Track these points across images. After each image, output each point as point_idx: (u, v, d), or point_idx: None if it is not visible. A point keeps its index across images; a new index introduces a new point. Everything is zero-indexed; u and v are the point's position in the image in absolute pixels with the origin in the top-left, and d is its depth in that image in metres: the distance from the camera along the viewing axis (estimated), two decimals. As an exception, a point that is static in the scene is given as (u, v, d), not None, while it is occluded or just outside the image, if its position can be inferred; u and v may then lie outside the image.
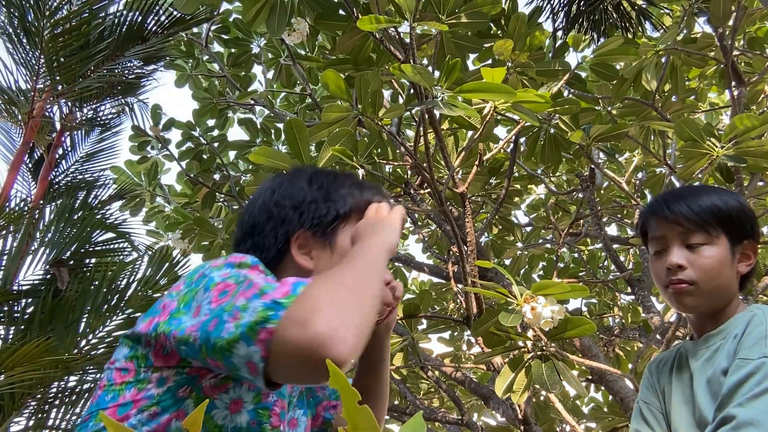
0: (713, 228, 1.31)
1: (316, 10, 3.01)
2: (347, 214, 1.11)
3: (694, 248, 1.31)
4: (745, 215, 1.34)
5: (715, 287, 1.30)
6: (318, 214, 1.09)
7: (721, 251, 1.31)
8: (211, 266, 0.95)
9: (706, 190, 1.37)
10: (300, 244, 1.08)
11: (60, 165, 3.20)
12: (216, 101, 4.77)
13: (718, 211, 1.32)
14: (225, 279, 0.90)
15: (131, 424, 0.90)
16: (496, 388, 2.29)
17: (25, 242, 2.61)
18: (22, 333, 2.50)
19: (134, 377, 0.93)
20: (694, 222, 1.31)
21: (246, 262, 0.93)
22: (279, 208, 1.10)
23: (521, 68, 3.03)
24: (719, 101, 5.33)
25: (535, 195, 5.88)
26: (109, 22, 2.86)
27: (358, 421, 0.45)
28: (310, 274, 1.04)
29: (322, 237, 1.09)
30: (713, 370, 1.23)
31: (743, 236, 1.34)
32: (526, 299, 1.91)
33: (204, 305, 0.88)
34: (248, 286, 0.86)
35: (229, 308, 0.84)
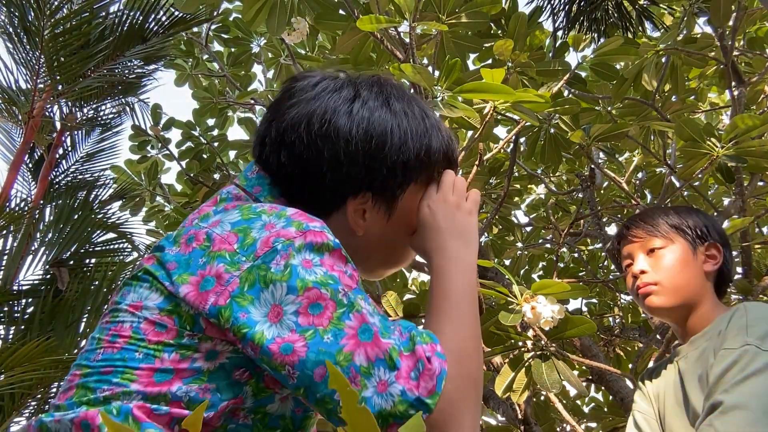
0: (667, 233, 1.43)
1: (316, 10, 3.01)
2: (419, 175, 0.94)
3: (653, 253, 1.43)
4: (701, 222, 1.46)
5: (678, 284, 1.39)
6: (392, 176, 0.91)
7: (680, 251, 1.42)
8: (284, 238, 0.78)
9: (663, 209, 1.52)
10: (358, 205, 0.92)
11: (60, 165, 3.20)
12: (216, 101, 4.77)
13: (671, 221, 1.45)
14: (317, 283, 0.75)
15: (175, 395, 0.75)
16: (495, 387, 2.29)
17: (25, 242, 2.61)
18: (22, 333, 2.51)
19: (175, 339, 0.77)
20: (649, 231, 1.45)
21: (328, 244, 0.79)
22: (350, 159, 0.89)
23: (521, 68, 3.03)
24: (719, 101, 5.33)
25: (535, 195, 5.87)
26: (109, 22, 2.87)
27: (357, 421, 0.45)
28: (355, 238, 0.92)
29: (383, 201, 0.93)
30: (703, 369, 1.27)
31: (703, 238, 1.44)
32: (526, 299, 1.91)
33: (289, 316, 0.74)
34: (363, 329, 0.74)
35: (341, 360, 0.71)
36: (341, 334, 0.73)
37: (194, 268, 0.78)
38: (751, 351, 1.17)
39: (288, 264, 0.76)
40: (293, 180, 0.91)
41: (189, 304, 0.77)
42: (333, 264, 0.78)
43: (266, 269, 0.76)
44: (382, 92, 0.95)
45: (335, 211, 0.92)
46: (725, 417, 1.12)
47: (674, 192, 3.80)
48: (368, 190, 0.91)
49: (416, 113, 0.95)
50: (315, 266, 0.76)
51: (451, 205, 0.95)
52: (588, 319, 2.23)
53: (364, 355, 0.72)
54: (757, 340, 1.18)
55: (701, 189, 4.19)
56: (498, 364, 3.31)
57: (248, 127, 4.87)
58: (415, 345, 0.74)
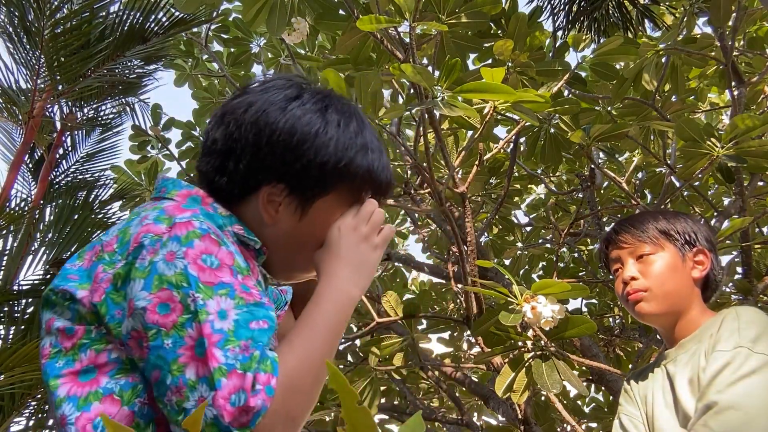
0: (657, 239, 1.44)
1: (316, 10, 3.01)
2: (337, 186, 0.97)
3: (643, 259, 1.43)
4: (690, 227, 1.46)
5: (668, 290, 1.40)
6: (306, 174, 0.94)
7: (669, 258, 1.42)
8: (151, 230, 0.83)
9: (652, 214, 1.51)
10: (270, 196, 0.95)
11: (60, 165, 3.20)
12: (216, 101, 4.77)
13: (660, 226, 1.45)
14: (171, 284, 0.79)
15: (107, 389, 0.81)
16: (496, 387, 2.29)
17: (25, 242, 2.61)
18: (22, 333, 2.50)
19: (86, 336, 0.83)
20: (638, 237, 1.45)
21: (194, 231, 0.82)
22: (270, 148, 0.94)
23: (521, 68, 3.03)
24: (719, 101, 5.33)
25: (535, 195, 5.87)
26: (109, 22, 2.86)
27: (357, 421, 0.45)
28: (266, 229, 0.96)
29: (297, 199, 0.95)
30: (693, 372, 1.28)
31: (691, 244, 1.44)
32: (526, 299, 1.91)
33: (138, 311, 0.79)
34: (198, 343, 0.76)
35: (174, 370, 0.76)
36: (180, 342, 0.76)
37: (91, 275, 0.85)
38: (743, 353, 1.20)
39: (151, 261, 0.80)
40: (220, 158, 0.96)
41: (83, 304, 0.83)
42: (199, 253, 0.81)
43: (132, 265, 0.81)
44: (323, 100, 0.99)
45: (250, 198, 0.95)
46: (720, 417, 1.14)
47: (674, 192, 3.80)
48: (282, 182, 0.94)
49: (351, 128, 0.98)
50: (177, 258, 0.80)
51: (359, 236, 0.97)
52: (588, 319, 2.23)
53: (194, 369, 0.75)
54: (748, 342, 1.21)
55: (701, 189, 4.19)
56: (498, 365, 3.31)
57: (248, 127, 4.86)
58: (250, 369, 0.75)
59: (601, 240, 1.56)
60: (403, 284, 5.74)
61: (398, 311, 3.07)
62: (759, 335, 1.21)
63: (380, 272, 5.42)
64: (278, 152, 0.93)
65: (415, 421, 0.47)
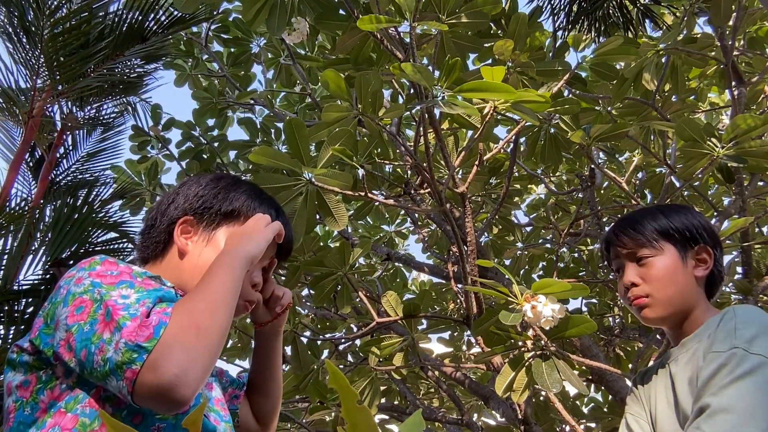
0: (656, 241, 1.40)
1: (317, 10, 3.01)
2: (231, 213, 1.21)
3: (643, 263, 1.40)
4: (690, 223, 1.42)
5: (670, 295, 1.37)
6: (205, 205, 1.20)
7: (670, 260, 1.39)
8: (66, 276, 1.04)
9: (651, 212, 1.47)
10: (183, 229, 1.18)
11: (61, 164, 3.20)
12: (216, 101, 4.77)
13: (658, 225, 1.42)
14: (80, 293, 0.98)
15: (57, 406, 0.98)
16: (496, 387, 2.29)
17: (25, 242, 2.61)
18: (22, 333, 2.50)
19: (38, 382, 1.00)
20: (637, 240, 1.41)
21: (95, 261, 1.03)
22: (174, 196, 1.22)
23: (521, 68, 3.03)
24: (719, 101, 5.33)
25: (535, 195, 5.88)
26: (109, 22, 2.86)
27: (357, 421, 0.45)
28: (183, 261, 1.17)
29: (204, 227, 1.19)
30: (692, 371, 1.27)
31: (692, 242, 1.41)
32: (526, 298, 1.91)
33: (62, 322, 0.97)
34: (106, 313, 0.94)
35: (94, 339, 0.93)
36: (95, 321, 0.94)
37: (31, 327, 1.05)
38: (738, 354, 1.17)
39: (66, 292, 1.00)
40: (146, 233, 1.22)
41: (28, 351, 1.02)
42: (102, 270, 1.02)
43: (53, 301, 1.02)
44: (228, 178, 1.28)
45: (169, 246, 1.19)
46: (712, 420, 1.13)
47: (674, 192, 3.80)
48: (189, 214, 1.19)
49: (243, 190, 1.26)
50: (84, 279, 1.00)
51: (245, 228, 1.19)
52: (588, 319, 2.23)
53: (108, 330, 0.92)
54: (744, 343, 1.18)
55: (701, 189, 4.19)
56: (498, 364, 3.31)
57: (248, 127, 4.87)
58: (147, 310, 0.95)
59: (601, 240, 1.53)
60: (403, 284, 5.74)
61: (398, 311, 3.07)
62: (756, 335, 1.19)
63: (380, 272, 5.42)
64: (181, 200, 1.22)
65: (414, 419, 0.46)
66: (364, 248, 3.42)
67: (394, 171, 4.25)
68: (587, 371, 4.16)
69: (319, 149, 2.51)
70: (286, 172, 2.49)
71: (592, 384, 4.49)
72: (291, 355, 3.72)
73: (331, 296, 3.55)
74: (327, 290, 3.40)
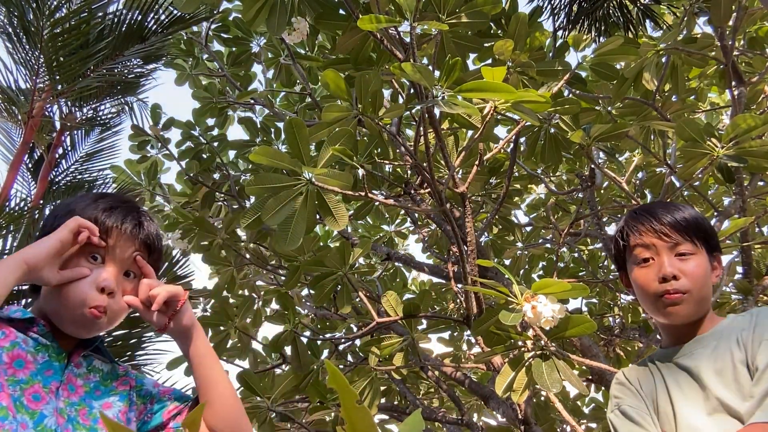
0: (698, 239, 1.39)
1: (317, 10, 3.01)
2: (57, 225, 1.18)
3: (683, 258, 1.37)
4: (713, 230, 1.45)
5: (705, 295, 1.38)
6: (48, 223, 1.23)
7: (704, 261, 1.39)
8: None
9: (683, 205, 1.45)
10: None
11: (60, 165, 3.19)
12: (216, 100, 4.77)
13: (699, 225, 1.40)
14: None
15: None
16: (496, 387, 2.29)
17: (25, 242, 2.61)
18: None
19: None
20: (683, 233, 1.38)
21: None
22: None
23: (521, 68, 3.03)
24: (719, 101, 5.33)
25: (535, 195, 5.87)
26: (108, 22, 2.86)
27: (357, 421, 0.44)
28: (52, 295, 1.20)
29: None
30: (722, 363, 1.30)
31: (715, 249, 1.44)
32: (526, 298, 1.91)
33: None
34: None
35: None
36: None
37: None
38: None
39: None
40: None
41: None
42: None
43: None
44: None
45: None
46: None
47: (674, 192, 3.80)
48: None
49: None
50: None
51: None
52: (588, 318, 2.23)
53: None
54: None
55: (701, 189, 4.19)
56: (498, 364, 3.31)
57: (248, 126, 4.87)
58: None
59: (628, 218, 1.45)
60: (403, 284, 5.74)
61: (398, 311, 3.07)
62: None
63: (380, 272, 5.42)
64: None
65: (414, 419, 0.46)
66: (364, 248, 3.42)
67: (394, 171, 4.25)
68: (587, 371, 4.16)
69: (319, 149, 2.51)
70: (286, 172, 2.49)
71: (593, 384, 4.49)
72: (291, 355, 3.72)
73: (331, 296, 3.55)
74: (327, 290, 3.40)
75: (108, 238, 1.19)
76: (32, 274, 1.11)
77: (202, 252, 4.47)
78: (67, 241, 1.14)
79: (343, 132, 2.44)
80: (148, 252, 1.24)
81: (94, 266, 1.17)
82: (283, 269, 4.74)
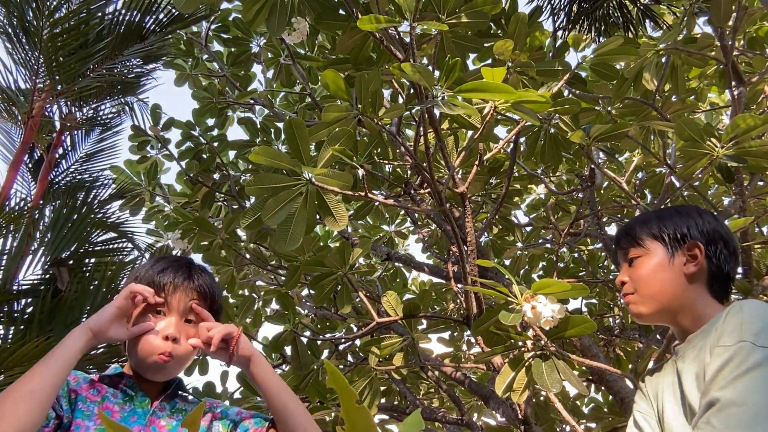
0: (643, 241, 1.48)
1: (316, 10, 3.01)
2: None
3: (633, 263, 1.49)
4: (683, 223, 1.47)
5: (654, 291, 1.43)
6: None
7: (655, 259, 1.45)
8: None
9: (645, 217, 1.53)
10: None
11: (60, 165, 3.19)
12: (215, 100, 4.76)
13: (650, 229, 1.49)
14: None
15: None
16: (496, 387, 2.29)
17: (24, 242, 2.60)
18: (21, 333, 2.50)
19: None
20: (628, 239, 1.51)
21: None
22: None
23: (521, 68, 3.03)
24: (719, 101, 5.33)
25: (535, 195, 5.87)
26: (107, 22, 2.86)
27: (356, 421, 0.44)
28: None
29: None
30: (700, 367, 1.27)
31: (682, 240, 1.45)
32: (526, 298, 1.91)
33: None
34: None
35: None
36: None
37: None
38: (746, 347, 1.16)
39: None
40: None
41: None
42: None
43: None
44: None
45: None
46: (722, 414, 1.12)
47: (674, 192, 3.80)
48: None
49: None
50: None
51: None
52: (588, 318, 2.23)
53: None
54: (752, 337, 1.17)
55: (701, 189, 4.19)
56: (498, 365, 3.31)
57: (248, 127, 4.87)
58: None
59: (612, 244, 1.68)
60: (403, 284, 5.74)
61: (398, 311, 3.07)
62: (763, 329, 1.18)
63: (380, 272, 5.42)
64: None
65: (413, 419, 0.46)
66: (364, 248, 3.42)
67: (394, 171, 4.25)
68: (587, 371, 4.16)
69: (319, 149, 2.51)
70: (286, 172, 2.49)
71: (592, 384, 4.49)
72: (291, 355, 3.72)
73: (331, 296, 3.55)
74: (327, 290, 3.40)
75: (165, 294, 1.39)
76: (98, 337, 1.31)
77: (202, 252, 4.47)
78: (124, 306, 1.34)
79: (343, 132, 2.44)
80: (203, 299, 1.43)
81: (159, 319, 1.37)
82: (283, 269, 4.74)
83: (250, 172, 4.77)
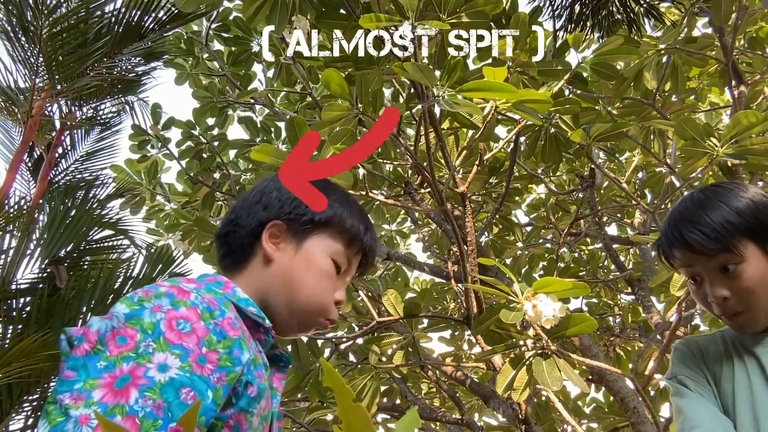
0: (736, 244, 1.20)
1: (317, 9, 3.01)
2: (323, 222, 1.11)
3: (728, 271, 1.21)
4: (758, 210, 1.23)
5: (765, 304, 1.22)
6: (297, 211, 1.11)
7: (755, 263, 1.22)
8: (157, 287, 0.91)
9: (712, 204, 1.25)
10: (272, 233, 1.09)
11: (60, 164, 3.19)
12: (216, 100, 4.76)
13: (733, 226, 1.21)
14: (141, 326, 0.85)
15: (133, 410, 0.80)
16: (496, 385, 2.28)
17: (24, 241, 2.60)
18: (19, 331, 2.50)
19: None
20: (715, 245, 1.21)
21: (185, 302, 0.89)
22: (261, 195, 1.13)
23: (522, 68, 3.02)
24: (719, 101, 5.32)
25: (535, 194, 5.87)
26: (106, 20, 2.86)
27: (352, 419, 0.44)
28: (271, 264, 1.08)
29: (294, 233, 1.10)
30: None
31: (761, 232, 1.23)
32: (527, 297, 1.91)
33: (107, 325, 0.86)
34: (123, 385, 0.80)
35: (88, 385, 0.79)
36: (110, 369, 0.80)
37: None
38: None
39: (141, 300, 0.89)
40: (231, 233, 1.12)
41: None
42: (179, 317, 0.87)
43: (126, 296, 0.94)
44: None
45: (253, 250, 1.10)
46: None
47: (674, 192, 3.80)
48: (279, 219, 1.10)
49: None
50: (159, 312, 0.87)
51: None
52: (588, 317, 2.22)
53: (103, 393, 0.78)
54: None
55: (702, 189, 4.17)
56: (499, 364, 3.31)
57: (248, 126, 4.86)
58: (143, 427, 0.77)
59: (663, 236, 1.30)
60: (405, 283, 5.74)
61: (399, 310, 3.06)
62: None
63: (381, 272, 5.42)
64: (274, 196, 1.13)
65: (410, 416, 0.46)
66: (363, 248, 3.41)
67: (395, 170, 4.25)
68: (587, 371, 4.16)
69: (319, 149, 2.51)
70: (286, 171, 2.48)
71: (592, 384, 4.48)
72: (291, 354, 3.72)
73: (331, 296, 3.54)
74: (327, 290, 3.39)
75: (360, 257, 1.17)
76: None
77: (203, 253, 4.47)
78: None
79: (344, 131, 2.44)
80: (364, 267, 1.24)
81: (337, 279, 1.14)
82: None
83: (251, 171, 4.77)
